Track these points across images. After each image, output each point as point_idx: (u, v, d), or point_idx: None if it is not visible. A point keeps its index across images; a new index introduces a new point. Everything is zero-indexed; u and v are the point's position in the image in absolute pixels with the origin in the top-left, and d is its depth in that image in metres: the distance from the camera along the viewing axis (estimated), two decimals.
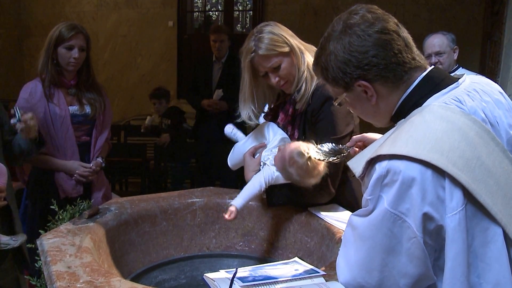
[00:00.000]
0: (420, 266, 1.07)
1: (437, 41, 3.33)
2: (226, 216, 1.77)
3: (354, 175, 1.97)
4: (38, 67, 2.52)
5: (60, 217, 1.76)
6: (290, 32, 1.90)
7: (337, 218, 1.78)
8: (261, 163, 1.90)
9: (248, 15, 7.66)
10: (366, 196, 1.13)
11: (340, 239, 1.60)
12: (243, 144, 2.02)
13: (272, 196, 1.90)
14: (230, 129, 2.09)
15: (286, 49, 1.84)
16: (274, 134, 1.93)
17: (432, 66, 1.22)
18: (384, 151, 1.09)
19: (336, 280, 1.30)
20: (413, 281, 1.09)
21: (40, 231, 1.67)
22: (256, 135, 2.00)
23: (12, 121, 2.07)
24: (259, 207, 1.99)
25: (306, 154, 1.67)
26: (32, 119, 2.13)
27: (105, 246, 1.67)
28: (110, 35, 7.61)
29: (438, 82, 1.18)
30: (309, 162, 1.69)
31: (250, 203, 1.98)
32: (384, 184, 1.07)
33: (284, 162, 1.72)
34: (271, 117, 2.01)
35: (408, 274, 1.08)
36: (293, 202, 1.90)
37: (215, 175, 4.62)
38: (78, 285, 1.28)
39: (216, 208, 2.00)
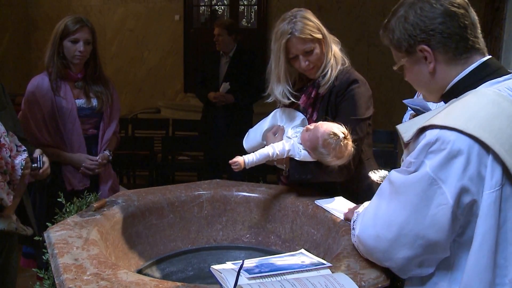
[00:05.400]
0: (439, 233, 1.12)
1: None
2: (232, 165, 1.83)
3: (368, 158, 2.03)
4: (45, 61, 2.53)
5: (67, 210, 1.77)
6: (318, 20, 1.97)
7: (342, 211, 1.76)
8: (287, 139, 1.92)
9: (253, 9, 7.66)
10: (410, 158, 1.18)
11: (345, 232, 1.59)
12: (259, 125, 2.06)
13: (295, 170, 1.89)
14: None
15: (320, 35, 1.93)
16: (292, 118, 1.97)
17: (490, 56, 1.25)
18: (437, 121, 1.14)
19: (342, 271, 1.30)
20: (428, 244, 1.14)
21: (47, 223, 1.67)
22: (272, 118, 2.04)
23: (34, 165, 2.03)
24: (266, 200, 1.98)
25: (340, 135, 1.71)
26: (47, 169, 2.09)
27: (112, 239, 1.67)
28: (117, 29, 7.61)
29: (495, 69, 1.22)
30: (342, 143, 1.70)
31: (256, 195, 2.00)
32: (430, 151, 1.13)
33: (316, 142, 1.75)
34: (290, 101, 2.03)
35: (426, 237, 1.14)
36: (315, 179, 1.90)
37: (222, 168, 4.62)
38: (85, 278, 1.28)
39: (223, 200, 2.00)
